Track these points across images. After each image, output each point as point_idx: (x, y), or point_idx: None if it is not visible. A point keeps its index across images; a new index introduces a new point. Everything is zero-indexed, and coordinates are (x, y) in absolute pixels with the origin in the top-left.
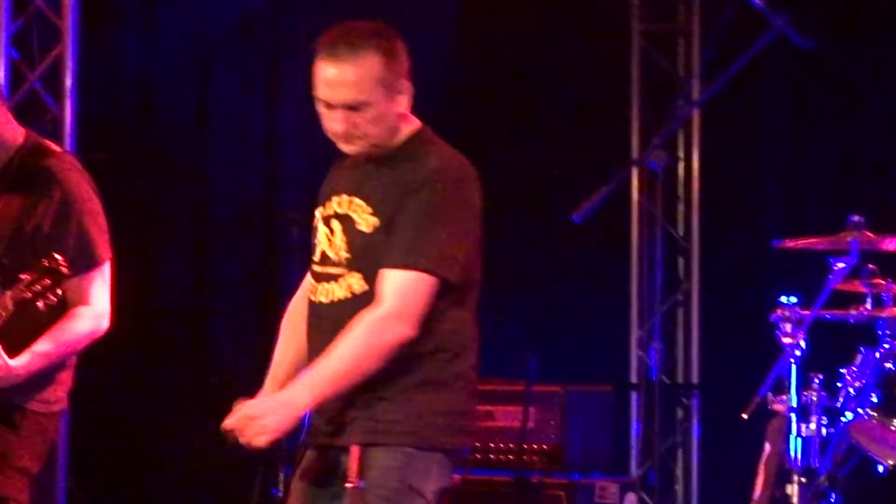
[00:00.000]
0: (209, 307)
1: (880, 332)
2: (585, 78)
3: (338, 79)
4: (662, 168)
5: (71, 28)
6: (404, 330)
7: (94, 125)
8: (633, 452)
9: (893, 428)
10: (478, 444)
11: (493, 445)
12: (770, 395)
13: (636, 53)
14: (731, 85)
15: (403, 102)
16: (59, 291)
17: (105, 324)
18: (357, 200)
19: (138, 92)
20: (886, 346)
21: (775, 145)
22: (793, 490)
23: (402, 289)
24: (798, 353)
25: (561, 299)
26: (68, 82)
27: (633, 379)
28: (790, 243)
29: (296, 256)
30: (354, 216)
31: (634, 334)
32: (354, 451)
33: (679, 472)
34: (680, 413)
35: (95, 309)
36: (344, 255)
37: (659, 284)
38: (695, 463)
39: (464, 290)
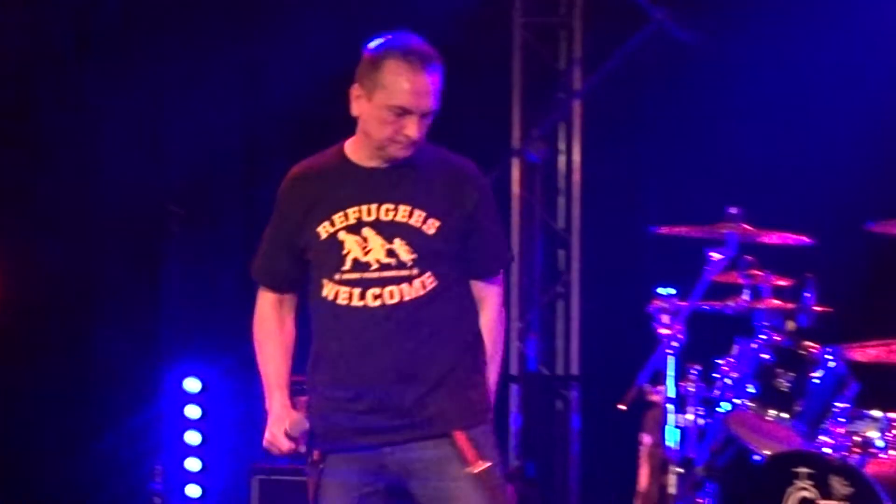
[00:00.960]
0: (91, 301)
1: (757, 324)
2: (466, 70)
3: (427, 88)
4: (542, 160)
5: None
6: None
7: None
8: (513, 444)
9: (769, 418)
10: None
11: None
12: (648, 385)
13: (517, 45)
14: (612, 78)
15: None
16: None
17: None
18: (403, 206)
19: (17, 84)
20: (763, 337)
21: (656, 139)
22: (670, 480)
23: (500, 282)
24: (675, 344)
25: None
26: None
27: (513, 371)
28: (666, 230)
29: (177, 249)
30: (412, 222)
31: (514, 326)
32: (460, 436)
33: (558, 463)
34: (559, 405)
35: None
36: (408, 256)
37: (538, 276)
38: (574, 454)
39: None
